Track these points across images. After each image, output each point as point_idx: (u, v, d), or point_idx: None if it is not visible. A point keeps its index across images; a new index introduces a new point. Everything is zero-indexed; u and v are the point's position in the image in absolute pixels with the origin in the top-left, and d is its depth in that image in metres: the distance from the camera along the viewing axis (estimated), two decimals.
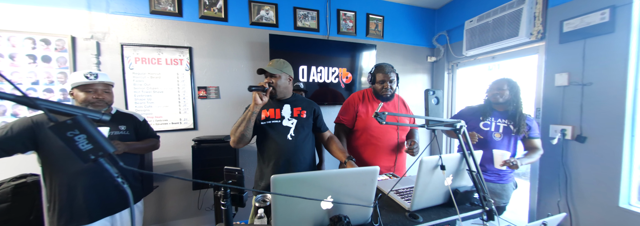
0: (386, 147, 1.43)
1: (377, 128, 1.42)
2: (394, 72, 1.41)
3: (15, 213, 1.18)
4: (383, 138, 1.42)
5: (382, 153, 1.43)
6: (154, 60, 1.83)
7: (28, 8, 1.56)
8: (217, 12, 1.95)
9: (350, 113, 1.46)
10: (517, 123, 1.40)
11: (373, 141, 1.42)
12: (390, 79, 1.39)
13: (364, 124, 1.43)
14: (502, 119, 1.46)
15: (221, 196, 0.61)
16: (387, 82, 1.38)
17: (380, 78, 1.40)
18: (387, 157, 1.44)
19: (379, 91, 1.42)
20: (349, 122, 1.47)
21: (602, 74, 1.38)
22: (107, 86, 1.11)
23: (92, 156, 0.32)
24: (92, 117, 0.37)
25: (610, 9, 1.33)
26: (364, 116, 1.43)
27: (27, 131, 0.95)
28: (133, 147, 1.14)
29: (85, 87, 1.04)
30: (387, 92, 1.40)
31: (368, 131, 1.43)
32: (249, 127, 1.10)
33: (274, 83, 1.15)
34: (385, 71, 1.39)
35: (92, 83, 1.05)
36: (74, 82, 1.03)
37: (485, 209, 0.82)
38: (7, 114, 1.55)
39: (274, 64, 1.18)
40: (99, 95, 1.07)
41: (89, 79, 1.04)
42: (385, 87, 1.39)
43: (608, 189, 1.36)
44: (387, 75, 1.38)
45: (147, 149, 1.26)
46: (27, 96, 0.32)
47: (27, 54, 1.56)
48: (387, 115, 0.75)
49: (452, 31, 2.52)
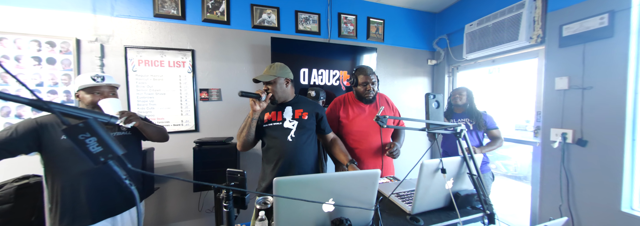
0: (370, 150, 1.42)
1: (359, 132, 1.41)
2: (375, 75, 1.42)
3: (17, 214, 1.18)
4: (365, 141, 1.41)
5: (367, 156, 1.42)
6: (157, 62, 1.85)
7: (34, 11, 1.58)
8: (219, 15, 1.98)
9: (331, 119, 1.46)
10: (476, 119, 1.73)
11: (355, 145, 1.42)
12: (372, 81, 1.39)
13: (345, 128, 1.43)
14: (461, 119, 1.81)
15: (223, 198, 0.62)
16: (369, 84, 1.38)
17: (362, 80, 1.39)
18: (371, 160, 1.43)
19: (361, 93, 1.42)
20: (332, 128, 1.46)
21: (602, 78, 1.39)
22: (113, 88, 1.12)
23: (102, 158, 0.33)
24: (102, 120, 0.38)
25: (609, 14, 1.34)
26: (345, 120, 1.43)
27: (32, 132, 0.95)
28: (146, 123, 1.13)
29: (92, 89, 1.05)
30: (369, 94, 1.40)
31: (350, 135, 1.43)
32: (250, 133, 1.15)
33: (270, 90, 1.16)
34: (366, 72, 1.40)
35: (98, 85, 1.06)
36: (81, 85, 1.04)
37: (486, 212, 0.82)
38: (11, 116, 1.56)
39: (268, 70, 1.19)
40: (105, 97, 1.07)
41: (95, 81, 1.05)
42: (367, 89, 1.39)
43: (610, 193, 1.35)
44: (369, 77, 1.38)
45: (158, 133, 1.21)
46: (41, 100, 0.33)
47: (33, 56, 1.58)
48: (387, 118, 0.76)
49: (453, 35, 2.54)
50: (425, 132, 0.83)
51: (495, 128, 1.74)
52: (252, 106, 1.10)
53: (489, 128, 1.72)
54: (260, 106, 1.11)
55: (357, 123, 1.42)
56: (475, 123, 1.74)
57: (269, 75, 1.16)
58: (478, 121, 1.73)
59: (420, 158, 0.86)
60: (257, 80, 1.16)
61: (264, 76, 1.16)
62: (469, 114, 1.79)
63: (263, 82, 1.18)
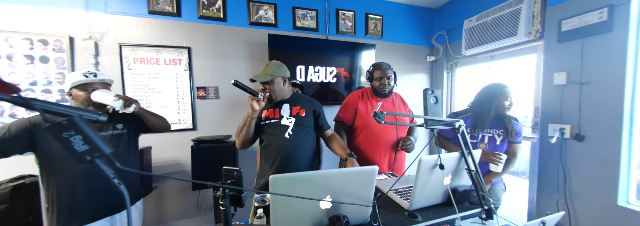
0: (386, 144, 1.44)
1: (377, 125, 1.43)
2: (392, 70, 1.44)
3: (13, 215, 1.18)
4: (383, 135, 1.43)
5: (382, 150, 1.44)
6: (153, 60, 1.82)
7: (25, 8, 1.55)
8: (216, 12, 1.95)
9: (349, 110, 1.48)
10: (508, 131, 1.33)
11: (373, 138, 1.44)
12: (388, 75, 1.41)
13: (363, 122, 1.45)
14: (489, 129, 1.37)
15: (220, 196, 0.61)
16: (385, 79, 1.41)
17: (378, 75, 1.42)
18: (387, 154, 1.46)
19: (377, 87, 1.44)
20: (348, 120, 1.49)
21: (601, 73, 1.38)
22: (106, 85, 1.11)
23: (88, 157, 0.32)
24: (89, 117, 0.37)
25: (608, 8, 1.33)
26: (363, 113, 1.45)
27: (25, 132, 0.94)
28: (147, 110, 1.13)
29: (84, 86, 1.03)
30: (385, 88, 1.42)
31: (368, 128, 1.44)
32: (249, 132, 1.16)
33: (268, 89, 1.16)
34: (382, 67, 1.43)
35: (91, 82, 1.04)
36: (74, 82, 1.02)
37: (484, 208, 0.82)
38: (5, 115, 1.54)
39: (265, 69, 1.18)
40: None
41: (88, 77, 1.03)
42: (383, 84, 1.41)
43: (607, 187, 1.36)
44: (385, 71, 1.41)
45: (158, 121, 1.18)
46: (21, 97, 0.32)
47: (25, 55, 1.56)
48: (385, 114, 0.75)
49: (451, 31, 2.52)
50: (424, 128, 0.82)
51: (520, 142, 1.37)
52: (252, 106, 1.10)
53: (514, 141, 1.34)
54: (260, 105, 1.11)
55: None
56: (504, 134, 1.33)
57: (266, 74, 1.15)
58: (508, 131, 1.32)
59: (418, 154, 0.86)
60: (254, 80, 1.16)
61: (261, 76, 1.15)
62: (501, 122, 1.35)
63: (260, 81, 1.17)
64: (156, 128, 1.19)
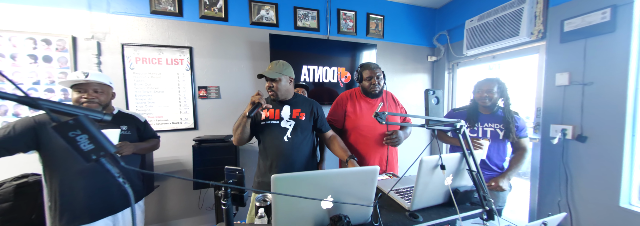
0: (376, 144, 1.44)
1: (366, 126, 1.42)
2: (380, 69, 1.43)
3: (17, 213, 1.18)
4: (371, 135, 1.43)
5: (372, 151, 1.44)
6: (155, 60, 1.83)
7: (29, 8, 1.56)
8: (217, 12, 1.95)
9: (339, 113, 1.48)
10: (507, 126, 1.32)
11: (361, 139, 1.43)
12: (377, 75, 1.40)
13: (352, 123, 1.44)
14: (489, 123, 1.37)
15: (222, 195, 0.61)
16: (374, 78, 1.39)
17: (368, 75, 1.41)
18: (377, 155, 1.45)
19: (367, 87, 1.43)
20: (338, 123, 1.48)
21: (603, 73, 1.38)
22: (102, 86, 1.06)
23: (94, 156, 0.32)
24: (94, 117, 0.37)
25: (611, 9, 1.32)
26: (352, 115, 1.44)
27: (30, 130, 0.95)
28: (139, 147, 1.15)
29: (77, 87, 1.02)
30: (375, 88, 1.41)
31: (357, 130, 1.44)
32: (245, 131, 1.16)
33: (274, 87, 1.17)
34: (371, 67, 1.42)
35: (82, 83, 1.01)
36: (63, 81, 1.00)
37: (485, 208, 0.82)
38: (9, 114, 1.55)
39: (274, 67, 1.18)
40: (89, 95, 1.02)
41: (78, 78, 0.99)
42: (373, 84, 1.40)
43: (609, 189, 1.35)
44: (374, 71, 1.40)
45: (150, 149, 1.28)
46: (29, 96, 0.32)
47: (28, 54, 1.57)
48: (386, 115, 0.75)
49: (453, 31, 2.51)
50: (425, 128, 0.82)
51: (526, 136, 1.35)
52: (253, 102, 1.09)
53: (519, 135, 1.32)
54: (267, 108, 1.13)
55: (365, 117, 1.43)
56: (505, 130, 1.32)
57: (275, 72, 1.15)
58: (508, 127, 1.30)
59: (419, 154, 0.86)
60: (262, 76, 1.15)
61: (270, 73, 1.15)
62: (499, 117, 1.34)
63: (266, 79, 1.17)
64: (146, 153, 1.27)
